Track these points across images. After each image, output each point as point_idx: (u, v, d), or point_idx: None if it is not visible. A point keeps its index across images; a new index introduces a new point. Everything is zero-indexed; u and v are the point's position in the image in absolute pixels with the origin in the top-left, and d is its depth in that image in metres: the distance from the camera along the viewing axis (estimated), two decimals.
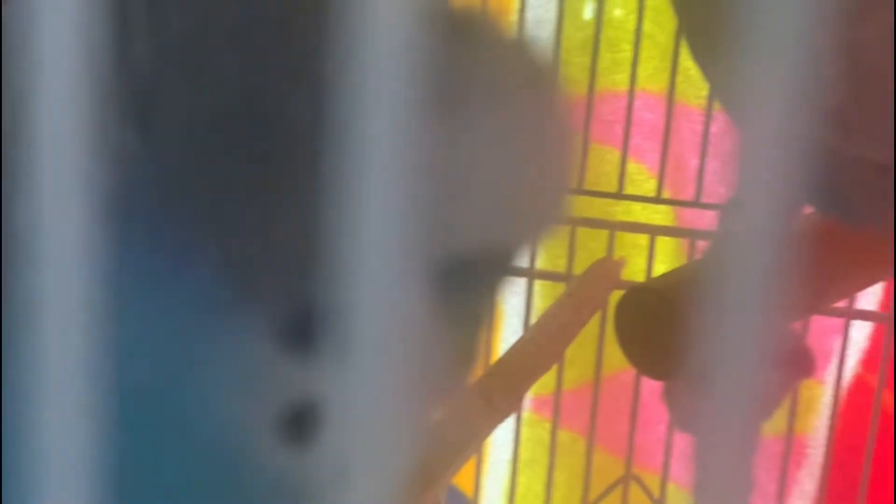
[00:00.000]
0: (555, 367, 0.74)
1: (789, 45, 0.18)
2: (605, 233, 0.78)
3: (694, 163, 0.76)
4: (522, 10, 0.73)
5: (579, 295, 0.66)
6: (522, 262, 0.83)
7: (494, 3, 0.88)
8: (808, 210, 0.56)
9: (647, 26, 0.86)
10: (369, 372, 0.23)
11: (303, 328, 0.27)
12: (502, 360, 0.58)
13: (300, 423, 0.27)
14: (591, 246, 0.87)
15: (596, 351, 0.75)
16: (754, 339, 0.17)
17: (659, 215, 0.89)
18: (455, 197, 0.26)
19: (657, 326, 0.51)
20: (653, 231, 0.75)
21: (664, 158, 0.73)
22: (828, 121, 0.48)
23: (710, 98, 0.75)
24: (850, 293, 0.65)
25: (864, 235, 0.53)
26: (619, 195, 0.76)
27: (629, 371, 0.76)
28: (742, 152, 0.19)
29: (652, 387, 0.75)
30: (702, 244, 0.64)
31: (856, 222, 0.51)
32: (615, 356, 0.65)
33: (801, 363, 0.55)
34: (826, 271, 0.56)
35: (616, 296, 0.64)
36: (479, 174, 0.26)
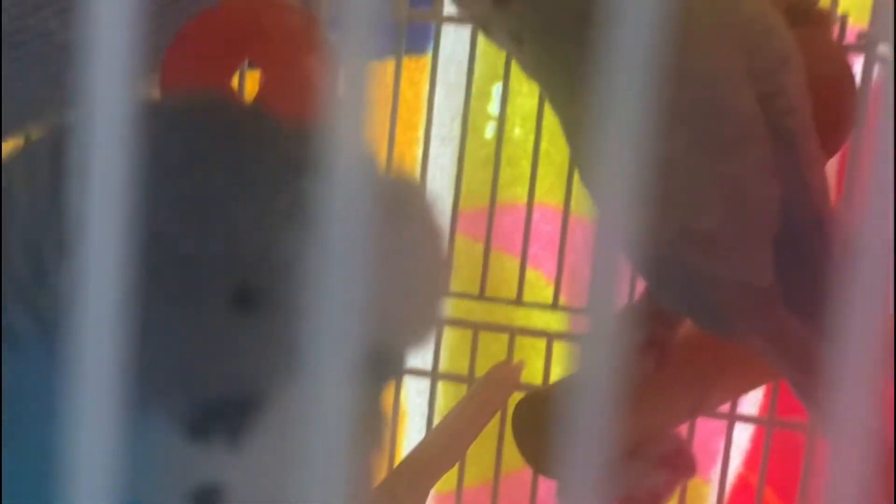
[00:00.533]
0: (457, 465, 0.78)
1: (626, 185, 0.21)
2: (505, 336, 0.83)
3: (587, 272, 0.81)
4: (428, 129, 0.78)
5: (480, 396, 0.70)
6: (427, 363, 0.87)
7: (403, 117, 0.93)
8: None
9: (545, 145, 0.91)
10: (267, 459, 0.27)
11: (205, 420, 0.31)
12: (407, 459, 0.61)
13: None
14: (493, 349, 0.92)
15: (496, 450, 0.79)
16: (601, 440, 0.21)
17: (556, 320, 0.94)
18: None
19: (552, 429, 0.55)
20: (550, 336, 0.80)
21: (560, 267, 0.78)
22: (701, 244, 0.53)
23: None
24: (731, 398, 0.70)
25: (739, 346, 0.58)
26: (519, 302, 0.81)
27: (527, 470, 0.80)
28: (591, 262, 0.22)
29: (548, 485, 0.79)
30: None
31: (728, 336, 0.56)
32: (514, 455, 0.69)
33: (682, 464, 0.60)
34: (706, 378, 0.61)
35: (515, 398, 0.68)
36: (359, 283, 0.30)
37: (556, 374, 0.82)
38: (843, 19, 0.72)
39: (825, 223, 0.54)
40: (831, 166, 0.83)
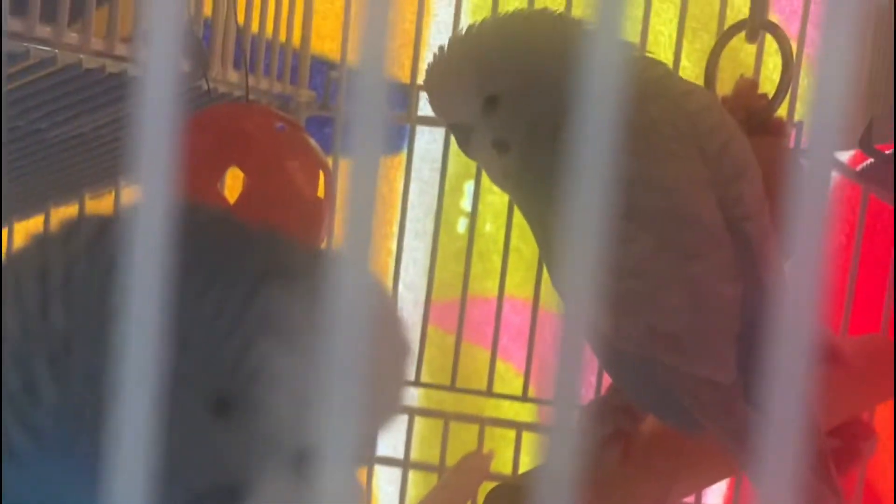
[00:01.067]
0: None
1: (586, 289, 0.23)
2: (476, 426, 0.85)
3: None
4: (402, 223, 0.81)
5: (451, 486, 0.72)
6: (398, 452, 0.89)
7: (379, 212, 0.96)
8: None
9: (515, 240, 0.94)
10: None
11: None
12: None
13: None
14: (464, 438, 0.94)
15: None
16: None
17: (525, 410, 0.96)
18: (302, 403, 0.33)
19: None
20: (519, 427, 0.82)
21: (529, 360, 0.81)
22: (667, 344, 0.56)
23: None
24: (695, 490, 0.72)
25: (703, 441, 0.61)
26: (489, 393, 0.83)
27: None
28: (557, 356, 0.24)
29: None
30: None
31: (692, 431, 0.59)
32: None
33: None
34: (670, 471, 0.63)
35: (485, 487, 0.70)
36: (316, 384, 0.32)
37: (525, 464, 0.84)
38: (800, 127, 0.76)
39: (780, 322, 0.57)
40: None
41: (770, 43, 0.66)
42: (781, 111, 0.66)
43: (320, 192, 0.65)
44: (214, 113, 0.63)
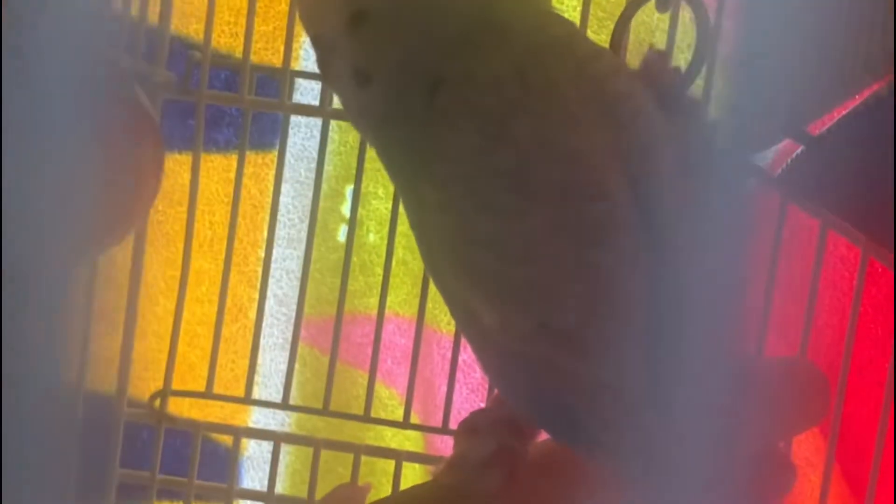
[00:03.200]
0: None
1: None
2: (351, 457, 0.76)
3: (444, 389, 0.75)
4: (273, 229, 0.72)
5: None
6: (262, 484, 0.79)
7: (247, 215, 0.87)
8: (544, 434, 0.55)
9: (401, 252, 0.86)
10: None
11: None
12: None
13: None
14: (340, 472, 0.85)
15: None
16: None
17: (410, 441, 0.88)
18: None
19: None
20: (399, 456, 0.73)
21: (412, 383, 0.72)
22: (559, 341, 0.47)
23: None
24: None
25: (601, 462, 0.52)
26: (366, 418, 0.74)
27: None
28: None
29: None
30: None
31: (588, 448, 0.50)
32: None
33: None
34: (560, 499, 0.55)
35: None
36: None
37: None
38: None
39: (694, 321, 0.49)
40: None
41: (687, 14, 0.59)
42: (697, 90, 0.59)
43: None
44: None
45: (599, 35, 0.82)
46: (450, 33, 0.49)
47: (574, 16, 0.80)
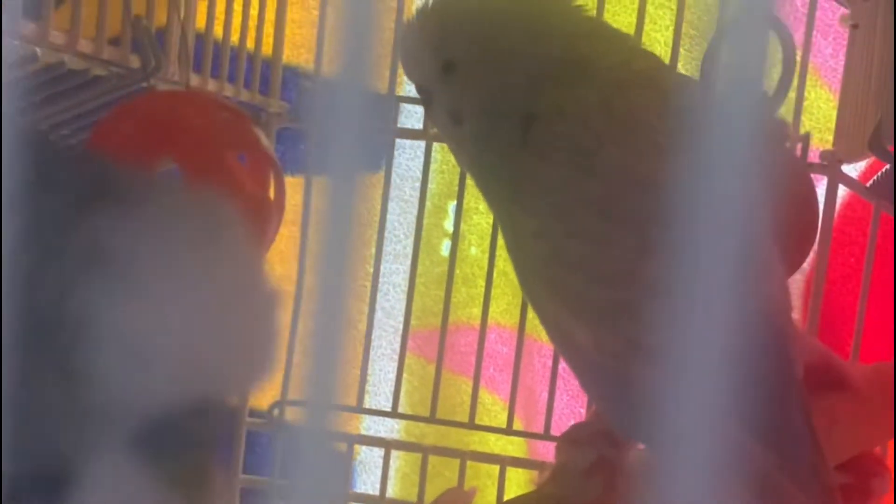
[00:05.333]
0: None
1: None
2: (457, 462, 0.79)
3: (545, 396, 0.79)
4: (380, 245, 0.76)
5: None
6: (375, 488, 0.83)
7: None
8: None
9: (501, 264, 0.89)
10: None
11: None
12: None
13: None
14: (446, 475, 0.88)
15: None
16: None
17: (513, 446, 0.91)
18: (139, 361, 0.27)
19: None
20: (503, 461, 0.76)
21: (514, 390, 0.75)
22: (651, 359, 0.50)
23: None
24: None
25: None
26: (471, 425, 0.77)
27: None
28: None
29: None
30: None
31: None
32: None
33: None
34: None
35: None
36: (156, 335, 0.26)
37: None
38: (806, 138, 0.71)
39: (785, 338, 0.51)
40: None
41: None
42: (786, 116, 0.61)
43: (270, 194, 0.60)
44: (147, 99, 0.58)
45: (693, 52, 0.84)
46: (534, 74, 0.53)
47: (667, 35, 0.83)
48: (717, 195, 0.51)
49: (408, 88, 0.87)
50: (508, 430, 0.76)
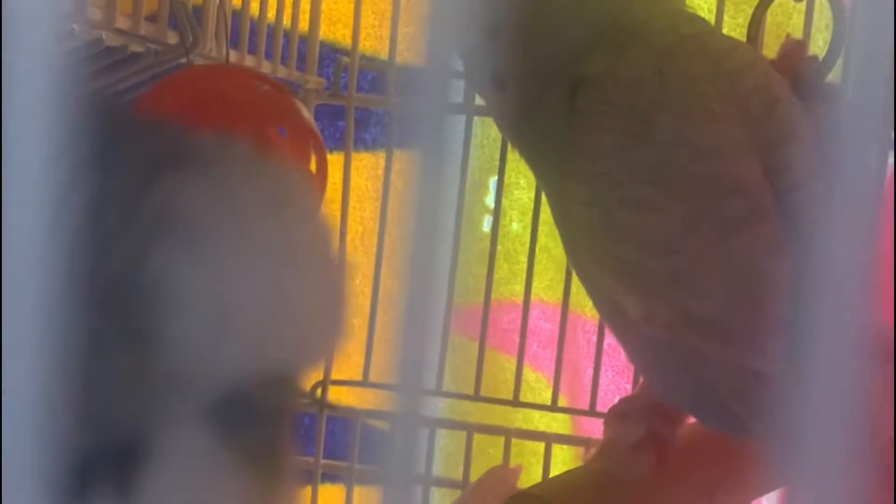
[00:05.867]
0: None
1: None
2: (502, 439, 0.79)
3: (590, 372, 0.77)
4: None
5: (471, 500, 0.66)
6: (419, 466, 0.83)
7: (396, 210, 0.90)
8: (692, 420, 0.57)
9: (543, 240, 0.88)
10: None
11: (86, 474, 0.26)
12: None
13: None
14: (491, 453, 0.87)
15: None
16: None
17: (557, 423, 0.90)
18: (215, 328, 0.26)
19: None
20: (548, 439, 0.75)
21: (558, 367, 0.74)
22: (704, 329, 0.49)
23: None
24: (741, 502, 0.65)
25: (749, 446, 0.54)
26: (515, 402, 0.76)
27: None
28: None
29: None
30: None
31: (735, 432, 0.52)
32: None
33: None
34: (711, 480, 0.56)
35: None
36: (233, 303, 0.26)
37: None
38: None
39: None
40: None
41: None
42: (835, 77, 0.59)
43: (312, 167, 0.59)
44: (187, 74, 0.58)
45: (736, 19, 0.82)
46: (582, 37, 0.52)
47: (710, 2, 0.81)
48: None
49: None
50: (553, 407, 0.75)
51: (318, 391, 0.77)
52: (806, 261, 0.50)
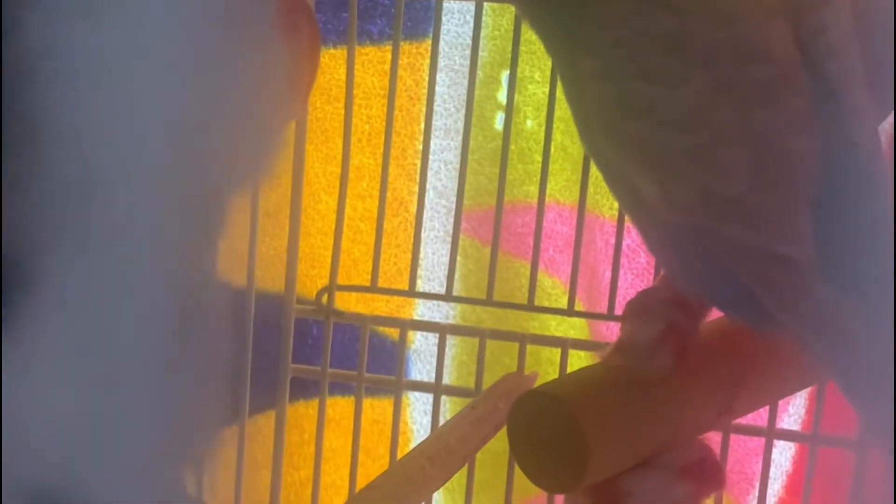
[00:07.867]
0: (464, 494, 0.70)
1: None
2: (516, 347, 0.75)
3: (608, 275, 0.74)
4: (429, 117, 0.71)
5: (482, 407, 0.63)
6: (430, 376, 0.79)
7: (403, 107, 0.86)
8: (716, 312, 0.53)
9: (559, 138, 0.84)
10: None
11: None
12: (388, 473, 0.54)
13: None
14: (505, 362, 0.84)
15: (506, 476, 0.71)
16: None
17: (574, 329, 0.87)
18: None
19: (550, 432, 0.47)
20: (565, 344, 0.72)
21: (575, 270, 0.71)
22: (726, 211, 0.45)
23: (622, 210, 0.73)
24: (766, 402, 0.62)
25: (777, 340, 0.50)
26: (530, 307, 0.73)
27: (542, 496, 0.73)
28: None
29: None
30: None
31: (759, 324, 0.48)
32: (527, 482, 0.61)
33: (709, 475, 0.52)
34: (735, 376, 0.53)
35: None
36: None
37: None
38: None
39: (875, 185, 0.46)
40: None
41: None
42: None
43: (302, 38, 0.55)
44: None
45: None
46: None
47: None
48: None
49: None
50: (570, 311, 0.72)
51: (325, 297, 0.73)
52: (840, 140, 0.46)
